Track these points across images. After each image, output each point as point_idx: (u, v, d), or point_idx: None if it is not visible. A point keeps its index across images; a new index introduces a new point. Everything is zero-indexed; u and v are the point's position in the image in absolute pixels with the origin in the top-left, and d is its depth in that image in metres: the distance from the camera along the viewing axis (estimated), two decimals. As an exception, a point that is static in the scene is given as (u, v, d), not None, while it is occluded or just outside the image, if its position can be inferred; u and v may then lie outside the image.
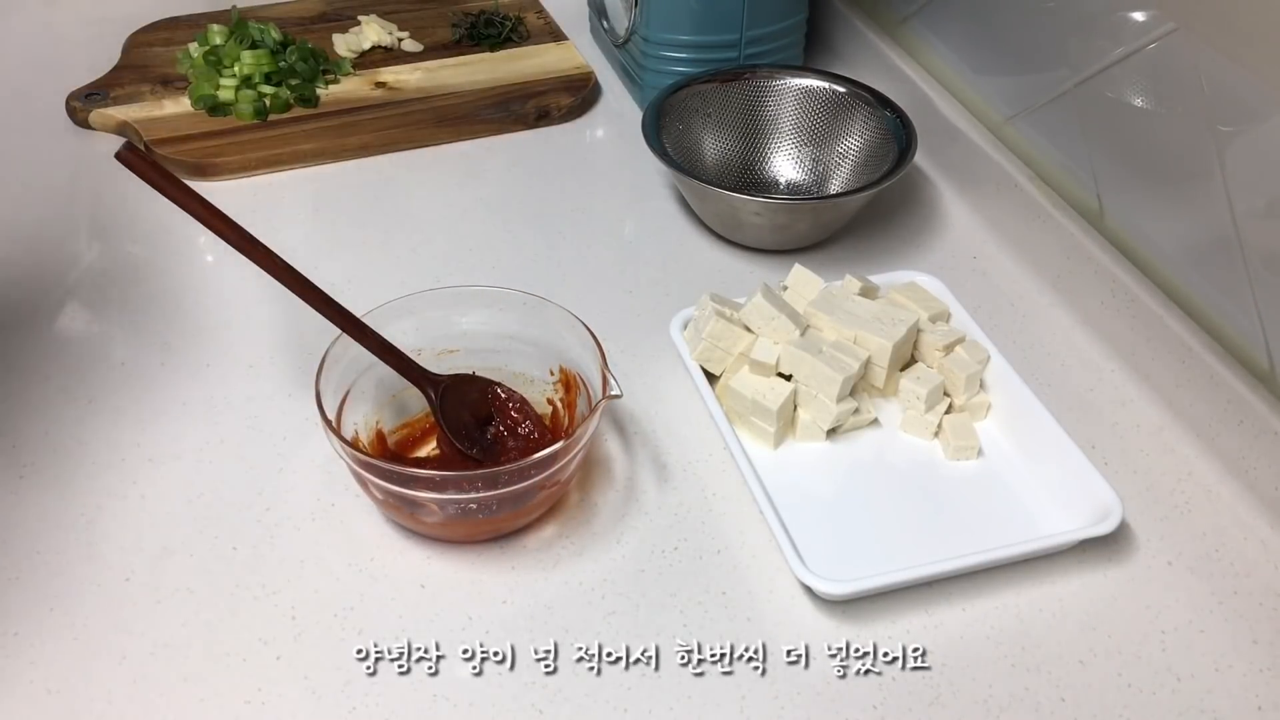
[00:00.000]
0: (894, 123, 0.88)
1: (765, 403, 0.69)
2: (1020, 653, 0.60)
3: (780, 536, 0.61)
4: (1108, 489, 0.64)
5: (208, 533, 0.65)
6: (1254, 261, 0.69)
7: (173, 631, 0.59)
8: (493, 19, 1.10)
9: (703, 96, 0.93)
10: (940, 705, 0.57)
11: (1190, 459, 0.71)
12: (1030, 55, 0.87)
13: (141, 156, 0.57)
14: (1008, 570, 0.63)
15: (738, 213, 0.84)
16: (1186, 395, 0.72)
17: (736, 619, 0.61)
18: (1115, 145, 0.79)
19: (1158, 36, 0.73)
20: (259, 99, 0.97)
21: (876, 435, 0.72)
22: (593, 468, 0.69)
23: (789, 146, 0.94)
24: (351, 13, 1.12)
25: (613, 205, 0.93)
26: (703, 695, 0.57)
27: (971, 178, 0.92)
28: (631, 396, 0.72)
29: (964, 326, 0.75)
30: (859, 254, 0.87)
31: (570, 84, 1.04)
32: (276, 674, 0.58)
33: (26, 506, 0.66)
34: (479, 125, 0.99)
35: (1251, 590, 0.63)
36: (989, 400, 0.72)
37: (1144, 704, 0.58)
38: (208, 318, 0.79)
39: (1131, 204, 0.79)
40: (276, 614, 0.60)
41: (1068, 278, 0.82)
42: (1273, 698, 0.58)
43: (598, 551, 0.64)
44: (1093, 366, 0.78)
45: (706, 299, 0.73)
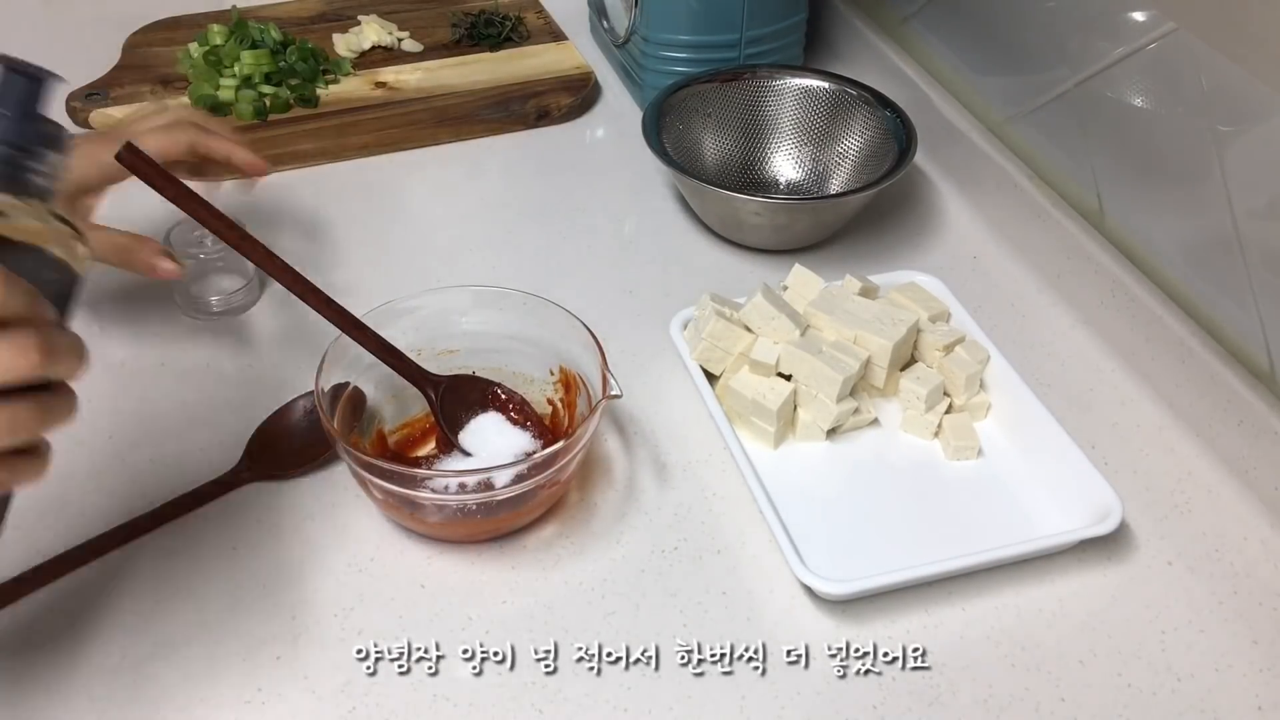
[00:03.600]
0: (894, 122, 0.88)
1: (765, 403, 0.69)
2: (1020, 653, 0.60)
3: (780, 536, 0.61)
4: (1108, 489, 0.64)
5: (206, 531, 0.64)
6: (1254, 261, 0.69)
7: (173, 631, 0.59)
8: (493, 19, 1.10)
9: (703, 96, 0.93)
10: (940, 705, 0.57)
11: (1190, 459, 0.71)
12: (1030, 55, 0.87)
13: (141, 156, 0.57)
14: (1008, 570, 0.63)
15: (738, 213, 0.84)
16: (1186, 395, 0.72)
17: (736, 619, 0.61)
18: (1115, 145, 0.79)
19: (1158, 36, 0.73)
20: (259, 99, 0.97)
21: (876, 435, 0.72)
22: (593, 468, 0.69)
23: (789, 146, 0.94)
24: (351, 13, 1.12)
25: (613, 205, 0.93)
26: (703, 695, 0.57)
27: (971, 177, 0.92)
28: (631, 396, 0.72)
29: (964, 326, 0.75)
30: (859, 254, 0.87)
31: (570, 84, 1.04)
32: (276, 674, 0.58)
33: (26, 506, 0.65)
34: (479, 125, 0.99)
35: (1251, 590, 0.63)
36: (989, 400, 0.72)
37: (1144, 704, 0.58)
38: (207, 317, 0.79)
39: (1131, 204, 0.79)
40: (276, 614, 0.60)
41: (1068, 278, 0.82)
42: (1273, 698, 0.58)
43: (598, 551, 0.64)
44: (1093, 366, 0.78)
45: (706, 299, 0.73)
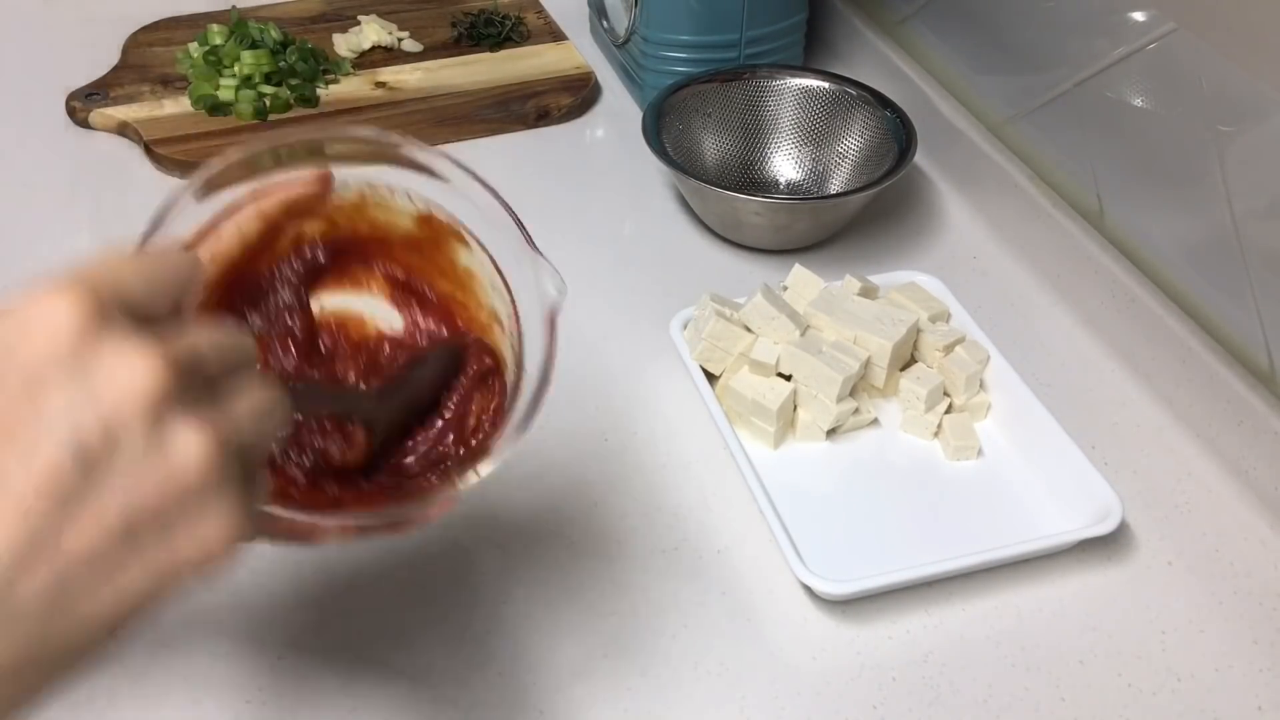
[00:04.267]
0: (894, 123, 0.88)
1: (765, 403, 0.69)
2: (1020, 653, 0.60)
3: (780, 536, 0.61)
4: (1108, 489, 0.64)
5: (208, 533, 0.65)
6: (1254, 261, 0.69)
7: (173, 631, 0.59)
8: (492, 19, 1.10)
9: (703, 96, 0.92)
10: (940, 705, 0.57)
11: (1190, 459, 0.71)
12: (1030, 55, 0.87)
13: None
14: (1008, 570, 0.63)
15: (738, 213, 0.84)
16: (1186, 395, 0.72)
17: (736, 619, 0.61)
18: (1115, 145, 0.79)
19: (1158, 36, 0.73)
20: (259, 99, 0.97)
21: (876, 435, 0.72)
22: (593, 468, 0.69)
23: (789, 146, 0.94)
24: (351, 12, 1.12)
25: (613, 205, 0.93)
26: (703, 695, 0.57)
27: (971, 178, 0.92)
28: (632, 396, 0.73)
29: (964, 326, 0.75)
30: (859, 254, 0.87)
31: (570, 84, 1.04)
32: (277, 674, 0.58)
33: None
34: (479, 125, 0.99)
35: (1251, 590, 0.63)
36: (989, 400, 0.72)
37: (1144, 704, 0.58)
38: (208, 318, 0.79)
39: (1132, 204, 0.79)
40: (276, 614, 0.60)
41: (1068, 278, 0.82)
42: (1273, 698, 0.58)
43: (597, 551, 0.64)
44: (1093, 366, 0.78)
45: (706, 299, 0.73)
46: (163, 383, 0.32)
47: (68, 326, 0.31)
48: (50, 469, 0.30)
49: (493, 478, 0.44)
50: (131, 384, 0.31)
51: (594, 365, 0.76)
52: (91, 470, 0.31)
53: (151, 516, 0.32)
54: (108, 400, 0.31)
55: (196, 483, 0.32)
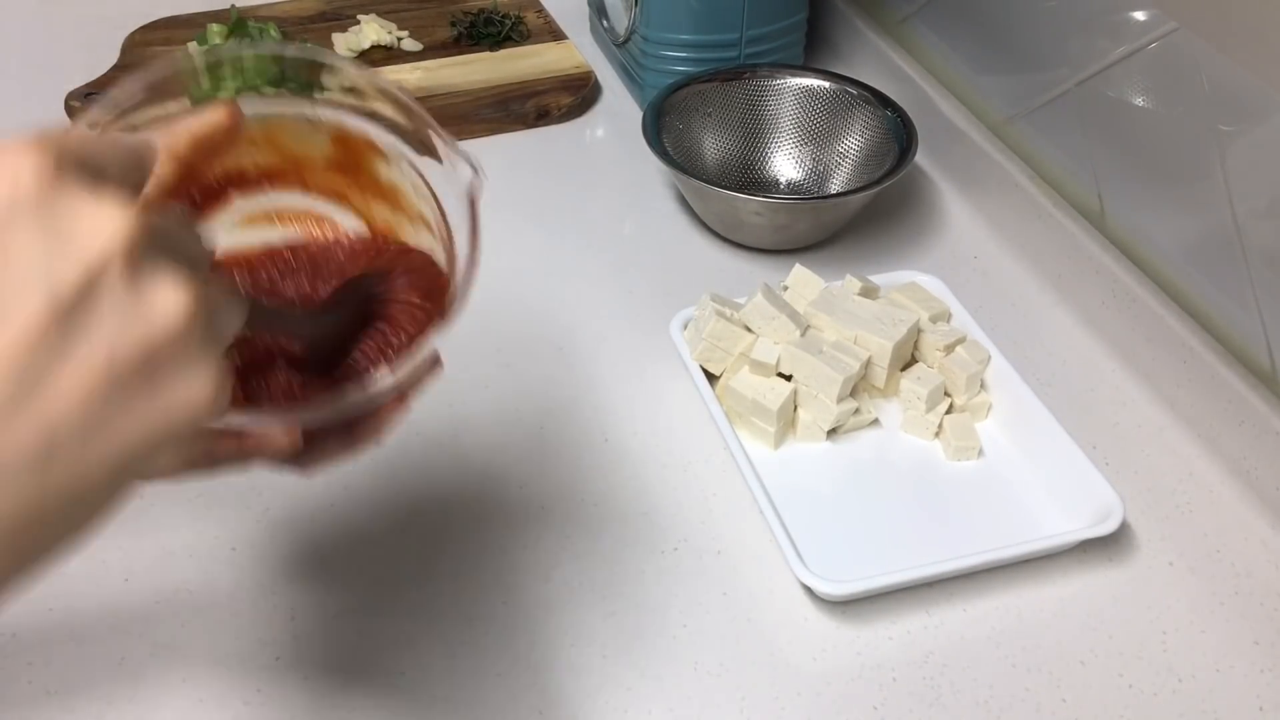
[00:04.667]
0: (894, 122, 0.88)
1: (765, 403, 0.69)
2: (1021, 653, 0.60)
3: (780, 536, 0.61)
4: (1109, 489, 0.64)
5: (207, 533, 0.64)
6: (1255, 261, 0.69)
7: (173, 631, 0.59)
8: (492, 18, 1.10)
9: (703, 96, 0.92)
10: (940, 705, 0.57)
11: (1191, 459, 0.71)
12: (1030, 55, 0.87)
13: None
14: (1008, 570, 0.63)
15: (738, 212, 0.84)
16: (1187, 395, 0.72)
17: (736, 619, 0.61)
18: (1116, 145, 0.79)
19: (1158, 36, 0.73)
20: (259, 99, 0.97)
21: (877, 435, 0.72)
22: (592, 467, 0.69)
23: (789, 146, 0.94)
24: (351, 12, 1.12)
25: (613, 205, 0.93)
26: (703, 695, 0.57)
27: (972, 177, 0.92)
28: (632, 396, 0.72)
29: (964, 326, 0.75)
30: (859, 254, 0.87)
31: (570, 83, 1.04)
32: (276, 674, 0.58)
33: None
34: (479, 125, 0.99)
35: (1252, 590, 0.63)
36: (989, 400, 0.72)
37: (1145, 704, 0.58)
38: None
39: (1132, 204, 0.79)
40: (276, 614, 0.60)
41: (1068, 278, 0.82)
42: (1274, 698, 0.58)
43: (597, 551, 0.64)
44: (1093, 366, 0.77)
45: (706, 299, 0.73)
46: (137, 231, 0.31)
47: (33, 174, 0.30)
48: (29, 320, 0.29)
49: (492, 477, 0.44)
50: (107, 231, 0.30)
51: (594, 365, 0.76)
52: (72, 320, 0.30)
53: (136, 367, 0.31)
54: (83, 248, 0.30)
55: (179, 334, 0.31)
